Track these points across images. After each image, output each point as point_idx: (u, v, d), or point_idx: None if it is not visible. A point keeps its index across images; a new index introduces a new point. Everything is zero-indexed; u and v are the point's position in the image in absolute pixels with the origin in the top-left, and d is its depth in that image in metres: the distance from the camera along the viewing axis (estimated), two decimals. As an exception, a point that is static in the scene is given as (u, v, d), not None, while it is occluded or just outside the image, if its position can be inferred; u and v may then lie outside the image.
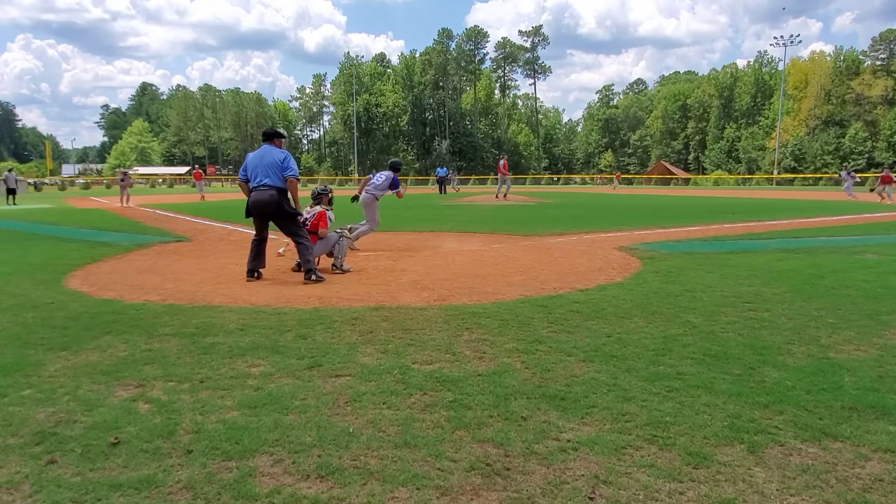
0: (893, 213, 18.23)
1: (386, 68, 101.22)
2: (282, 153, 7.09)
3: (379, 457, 2.59)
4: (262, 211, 7.11)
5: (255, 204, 7.08)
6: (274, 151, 7.09)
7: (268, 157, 7.04)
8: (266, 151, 7.11)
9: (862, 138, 69.25)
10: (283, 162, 7.03)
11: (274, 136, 7.29)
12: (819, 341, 4.29)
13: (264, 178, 6.96)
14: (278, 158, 7.02)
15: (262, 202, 7.02)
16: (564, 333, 4.53)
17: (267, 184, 6.96)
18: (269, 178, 6.97)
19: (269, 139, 7.26)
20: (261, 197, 7.00)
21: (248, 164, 7.15)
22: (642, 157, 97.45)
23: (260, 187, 6.98)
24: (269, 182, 6.96)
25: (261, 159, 7.06)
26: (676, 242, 10.57)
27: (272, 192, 6.96)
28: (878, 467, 2.49)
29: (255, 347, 4.18)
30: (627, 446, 2.68)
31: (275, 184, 6.97)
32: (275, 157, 7.03)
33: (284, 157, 7.07)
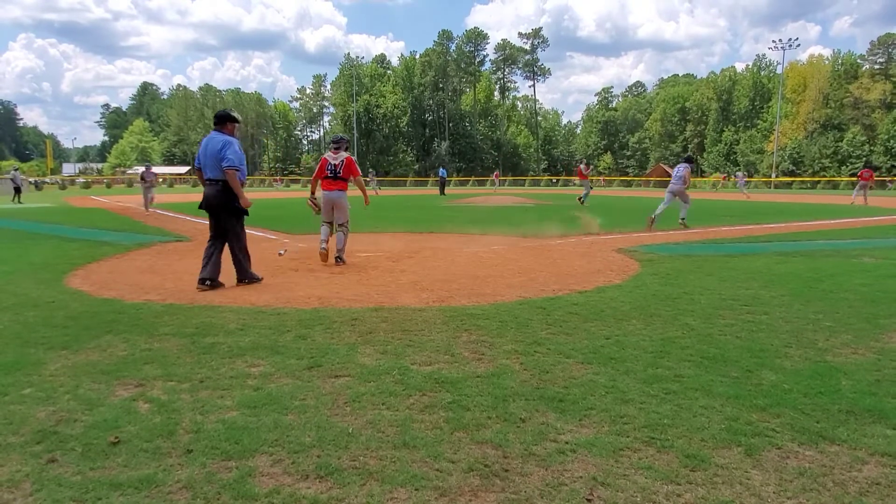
0: (891, 217, 18.26)
1: (386, 69, 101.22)
2: (222, 140, 6.29)
3: (378, 457, 2.60)
4: (209, 207, 6.50)
5: (205, 199, 6.50)
6: (216, 139, 6.32)
7: (210, 146, 6.32)
8: (211, 139, 6.38)
9: (860, 142, 69.27)
10: (220, 151, 6.23)
11: (226, 121, 6.47)
12: (817, 345, 4.31)
13: (210, 171, 6.35)
14: (216, 147, 6.26)
15: (209, 197, 6.43)
16: (563, 335, 4.54)
17: (212, 177, 6.36)
18: (213, 171, 6.33)
19: (219, 124, 6.48)
20: (208, 192, 6.42)
21: (199, 152, 6.49)
22: (641, 160, 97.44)
23: (208, 181, 6.40)
24: (213, 175, 6.34)
25: (205, 148, 6.37)
26: (675, 245, 10.59)
27: (218, 187, 6.36)
28: (874, 471, 2.50)
29: (254, 347, 4.19)
30: (625, 448, 2.69)
31: (218, 176, 6.35)
32: (215, 146, 6.28)
33: (223, 146, 6.24)
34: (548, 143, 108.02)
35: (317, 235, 11.84)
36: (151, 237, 11.99)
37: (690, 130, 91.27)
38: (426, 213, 19.88)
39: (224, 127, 6.45)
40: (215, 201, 6.43)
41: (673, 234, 12.53)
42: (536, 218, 17.78)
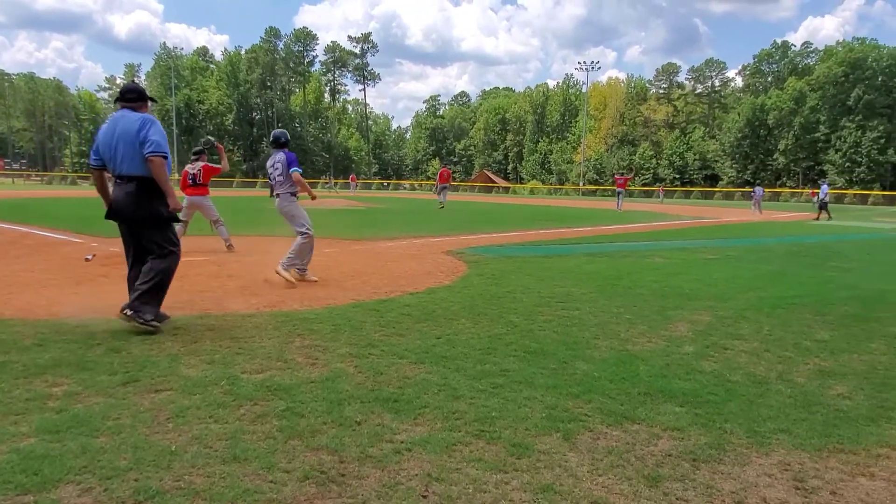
0: (675, 223, 21.03)
1: (209, 63, 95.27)
2: (139, 118, 4.63)
3: (205, 474, 2.45)
4: (120, 216, 4.75)
5: (114, 205, 4.72)
6: (129, 118, 4.65)
7: (122, 128, 4.62)
8: (119, 119, 4.68)
9: (649, 156, 78.99)
10: (139, 132, 4.56)
11: (141, 96, 4.84)
12: (619, 335, 4.83)
13: (122, 164, 4.62)
14: (133, 129, 4.57)
15: (120, 203, 4.68)
16: (396, 336, 4.62)
17: (124, 173, 4.64)
18: (127, 163, 4.60)
19: (137, 101, 4.79)
20: (118, 195, 4.68)
21: (99, 141, 4.74)
22: (466, 166, 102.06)
23: (118, 179, 4.69)
24: (127, 170, 4.62)
25: (113, 133, 4.64)
26: (499, 247, 11.23)
27: (131, 187, 4.64)
28: (667, 444, 2.87)
29: (56, 364, 3.72)
30: (457, 443, 2.81)
31: (133, 172, 4.62)
32: (129, 129, 4.58)
33: (142, 125, 4.59)
34: (379, 148, 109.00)
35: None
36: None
37: (510, 140, 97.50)
38: (255, 216, 19.04)
39: (137, 105, 4.78)
40: (130, 208, 4.66)
41: (496, 237, 13.29)
42: (368, 221, 17.83)
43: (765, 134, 72.87)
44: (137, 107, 4.77)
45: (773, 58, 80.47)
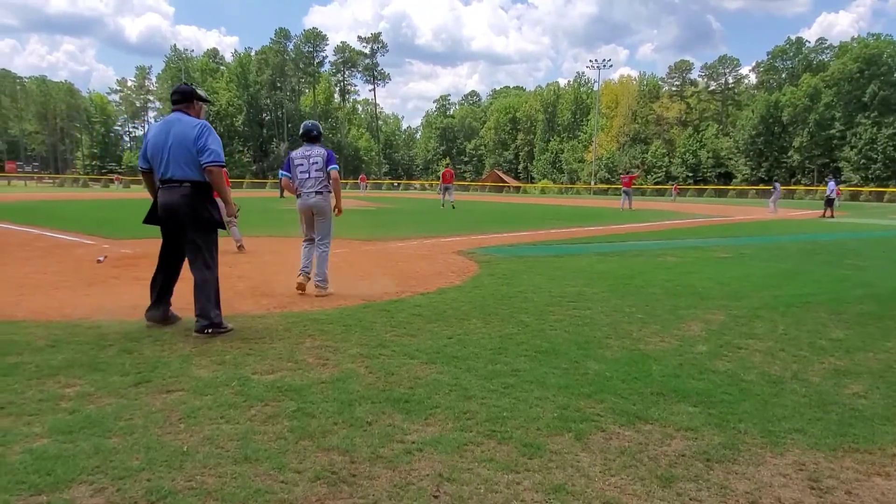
0: (688, 221, 20.88)
1: (219, 65, 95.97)
2: (196, 124, 4.60)
3: (217, 475, 2.45)
4: (172, 220, 4.67)
5: (164, 208, 4.65)
6: (185, 122, 4.61)
7: (177, 132, 4.57)
8: (173, 122, 4.62)
9: (661, 154, 78.54)
10: (197, 140, 4.54)
11: (192, 97, 4.75)
12: (632, 335, 4.80)
13: (174, 168, 4.57)
14: (190, 136, 4.54)
15: (171, 207, 4.61)
16: (407, 336, 4.61)
17: (176, 177, 4.58)
18: (180, 167, 4.57)
19: (182, 102, 4.72)
20: (168, 199, 4.61)
21: (149, 142, 4.66)
22: (477, 166, 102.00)
23: (168, 182, 4.61)
24: (178, 173, 4.57)
25: (166, 137, 4.57)
26: (510, 247, 11.20)
27: (185, 191, 4.60)
28: (680, 444, 2.84)
29: (69, 365, 3.75)
30: (469, 443, 2.79)
31: (186, 176, 4.58)
32: (185, 133, 4.55)
33: (201, 132, 4.56)
34: (389, 147, 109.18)
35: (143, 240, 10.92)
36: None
37: (521, 139, 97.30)
38: (264, 217, 19.12)
39: (190, 106, 4.74)
40: (182, 211, 4.58)
41: (507, 237, 13.25)
42: (378, 221, 17.86)
43: (779, 131, 72.22)
44: (187, 107, 4.72)
45: (788, 54, 79.78)
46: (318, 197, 6.39)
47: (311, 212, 6.47)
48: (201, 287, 4.62)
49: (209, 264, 4.71)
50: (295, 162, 6.42)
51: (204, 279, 4.64)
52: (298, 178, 6.38)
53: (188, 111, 4.72)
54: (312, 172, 6.36)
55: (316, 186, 6.37)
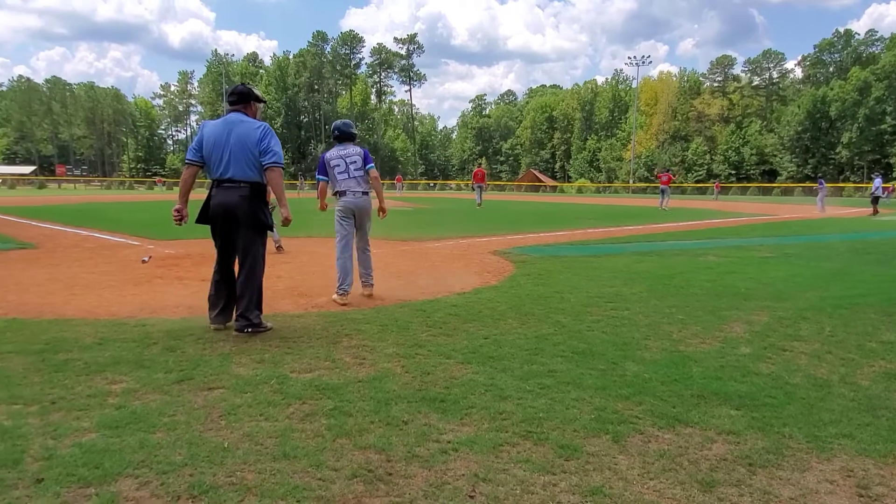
0: (730, 220, 20.40)
1: (258, 69, 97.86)
2: (256, 125, 4.66)
3: (256, 471, 2.50)
4: (228, 219, 4.67)
5: (221, 208, 4.64)
6: (245, 122, 4.66)
7: (238, 132, 4.60)
8: (234, 123, 4.64)
9: (702, 152, 76.89)
10: (260, 142, 4.60)
11: (250, 98, 4.80)
12: (671, 336, 4.71)
13: (234, 167, 4.58)
14: (252, 137, 4.59)
15: (228, 207, 4.63)
16: (443, 336, 4.62)
17: (236, 177, 4.60)
18: (240, 170, 4.59)
19: (240, 102, 4.76)
20: (225, 199, 4.62)
21: (206, 140, 4.64)
22: (513, 165, 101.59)
23: (226, 182, 4.62)
24: (238, 174, 4.59)
25: (227, 136, 4.59)
26: (546, 246, 11.12)
27: (243, 192, 4.63)
28: (722, 448, 2.77)
29: (115, 363, 3.87)
30: (504, 444, 2.78)
31: (245, 176, 4.61)
32: (248, 134, 4.59)
33: (263, 133, 4.62)
34: (425, 148, 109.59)
35: (185, 241, 11.19)
36: (-12, 244, 10.69)
37: (558, 138, 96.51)
38: (302, 218, 19.40)
39: (248, 106, 4.78)
40: (241, 211, 4.61)
41: (543, 237, 13.16)
42: (414, 221, 17.94)
43: (826, 126, 69.92)
44: (244, 108, 4.75)
45: (836, 47, 77.25)
46: (365, 197, 6.19)
47: (358, 212, 6.19)
48: (247, 287, 4.68)
49: (257, 265, 4.77)
50: (331, 163, 6.15)
51: (251, 280, 4.70)
52: (338, 178, 6.12)
53: (246, 111, 4.75)
54: (352, 172, 6.11)
55: (361, 186, 6.14)
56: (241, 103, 4.76)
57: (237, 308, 4.69)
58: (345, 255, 6.09)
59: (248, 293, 4.67)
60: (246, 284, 4.69)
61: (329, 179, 6.19)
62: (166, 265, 8.34)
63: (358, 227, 6.27)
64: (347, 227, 6.18)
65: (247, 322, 4.63)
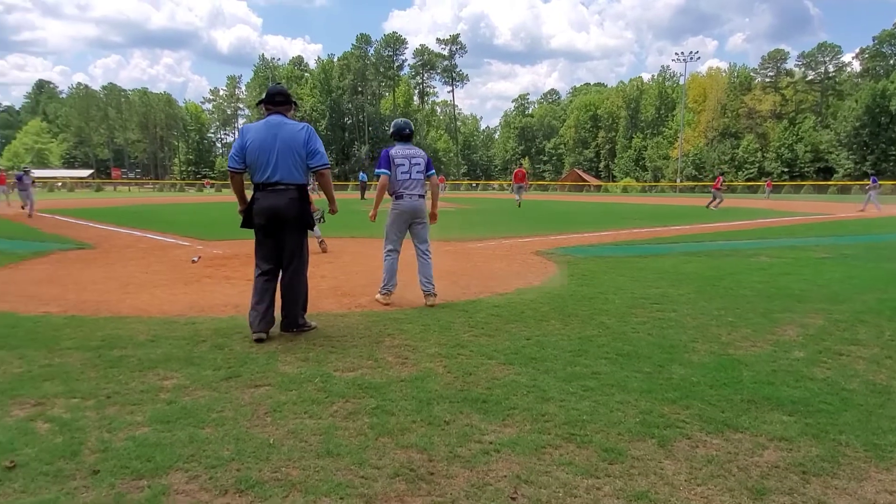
0: (783, 219, 19.73)
1: (303, 72, 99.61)
2: (300, 127, 4.65)
3: (301, 467, 2.54)
4: (278, 223, 4.67)
5: (270, 211, 4.63)
6: (289, 125, 4.63)
7: (284, 135, 4.57)
8: (278, 126, 4.61)
9: (753, 149, 74.54)
10: (307, 144, 4.62)
11: (283, 101, 4.74)
12: (720, 339, 4.58)
13: (281, 172, 4.58)
14: (298, 139, 4.59)
15: (278, 210, 4.63)
16: (485, 337, 4.60)
17: (284, 180, 4.60)
18: (288, 172, 4.59)
19: (285, 104, 4.75)
20: (278, 202, 4.60)
21: (250, 144, 4.58)
22: (557, 165, 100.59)
23: (273, 186, 4.61)
24: (285, 177, 4.59)
25: (273, 140, 4.55)
26: (590, 247, 10.97)
27: (292, 195, 4.65)
28: (774, 455, 2.68)
29: (167, 359, 3.99)
30: (547, 446, 2.75)
31: (292, 180, 4.62)
32: (294, 137, 4.58)
33: (309, 136, 4.64)
34: (467, 148, 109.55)
35: (232, 241, 11.47)
36: (49, 245, 11.18)
37: (602, 137, 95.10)
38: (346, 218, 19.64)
39: (290, 108, 4.78)
40: (290, 214, 4.63)
41: (587, 237, 12.99)
42: (457, 222, 17.94)
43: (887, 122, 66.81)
44: (287, 109, 4.74)
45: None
46: (421, 200, 6.00)
47: (414, 216, 6.01)
48: (294, 288, 4.75)
49: (303, 266, 4.85)
50: (396, 161, 5.88)
51: (298, 281, 4.78)
52: (399, 178, 5.88)
53: (286, 113, 4.74)
54: (414, 174, 5.92)
55: (419, 189, 5.97)
56: (286, 104, 4.75)
57: (283, 308, 4.75)
58: (392, 257, 6.03)
59: (295, 294, 4.75)
60: (293, 285, 4.75)
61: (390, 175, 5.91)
62: (214, 265, 8.57)
63: (413, 232, 6.09)
64: (399, 231, 6.04)
65: (293, 322, 4.75)
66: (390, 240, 6.04)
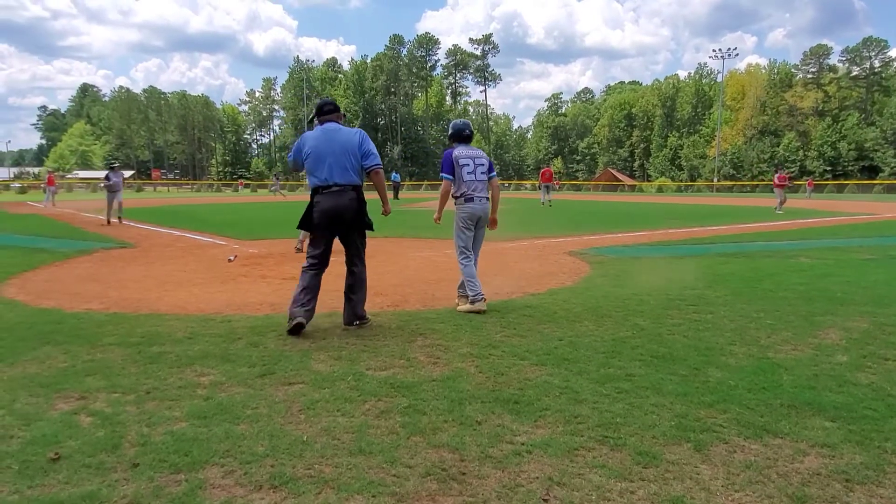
0: (826, 219, 19.18)
1: (337, 73, 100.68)
2: (354, 131, 5.00)
3: (333, 465, 2.57)
4: (339, 222, 4.94)
5: (332, 212, 4.88)
6: (342, 131, 4.95)
7: (339, 139, 4.89)
8: (333, 132, 4.93)
9: (795, 147, 72.57)
10: (361, 146, 4.93)
11: (332, 109, 5.10)
12: (759, 342, 4.47)
13: (338, 173, 4.85)
14: (354, 142, 4.91)
15: (341, 210, 4.88)
16: (517, 337, 4.58)
17: (341, 183, 4.87)
18: (346, 174, 4.87)
19: (336, 112, 5.09)
20: (339, 203, 4.86)
21: (310, 150, 4.91)
22: (590, 164, 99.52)
23: (333, 188, 4.87)
24: (343, 178, 4.87)
25: (330, 144, 4.87)
26: (624, 247, 10.83)
27: (352, 196, 4.91)
28: (815, 462, 2.61)
29: (204, 356, 4.08)
30: (580, 448, 2.72)
31: (350, 181, 4.90)
32: (350, 141, 4.90)
33: (362, 139, 4.96)
34: (499, 148, 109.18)
35: (267, 241, 11.66)
36: (92, 244, 11.53)
37: (637, 136, 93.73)
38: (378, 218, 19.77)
39: (340, 116, 5.14)
40: (351, 215, 4.91)
41: (621, 237, 12.83)
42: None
43: (935, 118, 64.46)
44: (338, 117, 5.07)
45: (946, 31, 70.98)
46: (487, 203, 5.80)
47: (482, 218, 5.81)
48: (360, 284, 5.07)
49: (364, 262, 5.16)
50: (460, 162, 5.69)
51: (363, 277, 5.11)
52: (465, 179, 5.66)
53: (338, 120, 5.08)
54: (478, 175, 5.71)
55: (485, 191, 5.75)
56: (336, 112, 5.09)
57: (349, 303, 5.02)
58: (469, 261, 5.78)
59: (361, 291, 5.06)
60: (356, 281, 5.06)
61: (454, 180, 5.73)
62: (250, 264, 8.72)
63: (476, 235, 5.87)
64: (469, 234, 5.80)
65: (356, 315, 5.00)
66: (462, 244, 5.80)
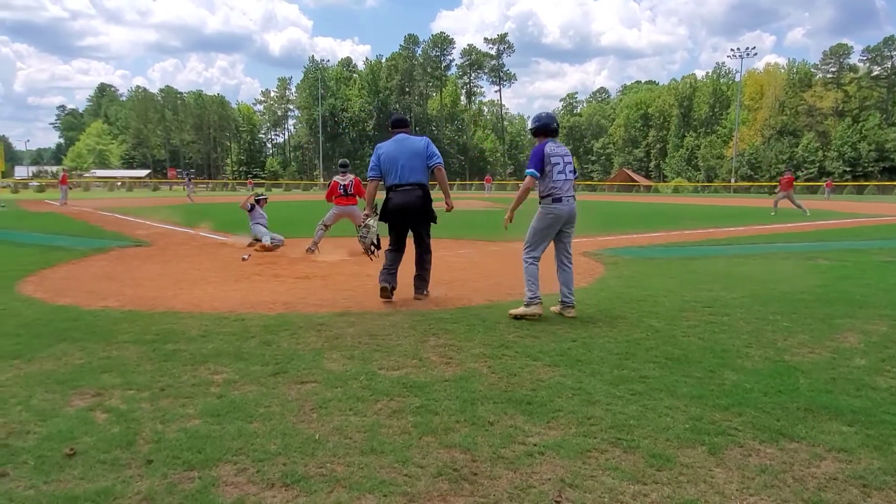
0: (844, 221, 18.92)
1: (352, 73, 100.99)
2: (420, 139, 6.05)
3: (345, 464, 2.57)
4: (408, 215, 6.01)
5: (402, 207, 5.95)
6: (411, 139, 6.00)
7: (409, 146, 5.93)
8: (403, 140, 5.97)
9: (814, 148, 71.68)
10: (427, 149, 5.93)
11: (404, 123, 6.23)
12: (775, 344, 4.42)
13: (409, 175, 5.87)
14: (420, 146, 5.93)
15: (410, 206, 5.93)
16: (530, 338, 4.56)
17: (412, 181, 5.88)
18: (413, 175, 5.88)
19: (405, 126, 6.17)
20: (408, 199, 5.89)
21: (385, 156, 5.94)
22: (605, 165, 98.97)
23: (403, 186, 5.88)
24: (414, 178, 5.88)
25: (401, 150, 5.91)
26: (639, 248, 10.76)
27: (420, 192, 5.93)
28: (832, 466, 2.57)
29: (217, 354, 4.10)
30: (592, 449, 2.71)
31: (419, 180, 5.92)
32: (417, 145, 5.93)
33: (427, 144, 5.98)
34: (514, 148, 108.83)
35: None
36: (109, 242, 11.66)
37: (653, 136, 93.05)
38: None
39: (408, 129, 6.20)
40: (418, 207, 5.94)
41: (636, 238, 12.74)
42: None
43: (958, 118, 63.29)
44: (407, 130, 6.14)
45: (969, 30, 69.75)
46: (575, 203, 5.43)
47: (569, 221, 5.43)
48: (426, 264, 6.18)
49: (430, 249, 6.21)
50: (552, 159, 5.24)
51: (428, 259, 6.20)
52: (555, 178, 5.23)
53: (407, 132, 6.10)
54: (568, 173, 5.31)
55: (573, 192, 5.37)
56: (405, 126, 6.16)
57: (418, 280, 6.17)
58: (537, 265, 5.41)
59: (426, 271, 6.19)
60: (423, 261, 6.18)
61: (541, 178, 5.30)
62: (264, 263, 8.76)
63: (559, 237, 5.48)
64: (549, 236, 5.43)
65: (423, 287, 6.17)
66: (537, 246, 5.41)
